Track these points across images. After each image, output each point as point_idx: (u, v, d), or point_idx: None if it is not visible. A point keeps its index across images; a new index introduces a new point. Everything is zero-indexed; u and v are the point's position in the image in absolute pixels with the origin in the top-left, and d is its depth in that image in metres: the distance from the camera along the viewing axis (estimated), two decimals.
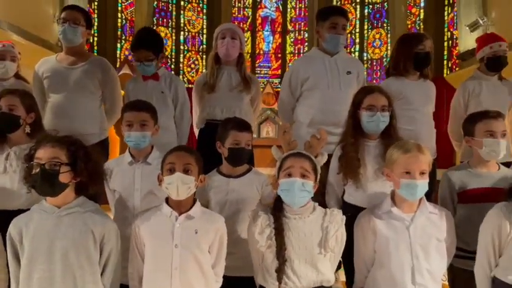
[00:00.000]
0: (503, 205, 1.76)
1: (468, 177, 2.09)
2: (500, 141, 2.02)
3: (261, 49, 11.35)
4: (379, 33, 10.91)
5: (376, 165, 2.11)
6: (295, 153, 1.80)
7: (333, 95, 2.68)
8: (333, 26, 2.71)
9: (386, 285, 1.81)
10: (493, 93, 2.83)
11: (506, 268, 1.75)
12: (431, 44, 2.67)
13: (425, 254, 1.79)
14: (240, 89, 2.82)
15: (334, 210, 1.82)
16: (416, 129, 2.53)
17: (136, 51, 2.74)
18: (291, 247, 1.72)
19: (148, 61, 2.71)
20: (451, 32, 9.34)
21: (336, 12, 2.77)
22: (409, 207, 1.85)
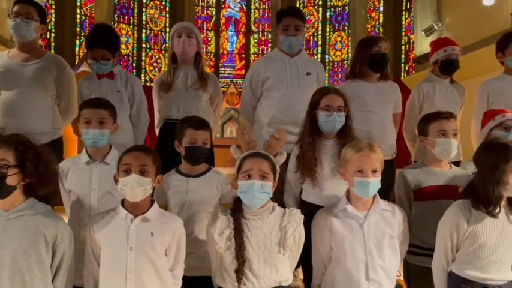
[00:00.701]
0: (461, 203, 1.83)
1: (423, 176, 2.16)
2: (452, 141, 2.11)
3: (224, 49, 11.32)
4: (340, 36, 11.14)
5: (332, 164, 2.15)
6: (254, 154, 1.80)
7: (292, 95, 2.72)
8: (285, 28, 2.75)
9: (342, 281, 1.85)
10: (445, 95, 2.94)
11: (462, 263, 1.82)
12: (388, 46, 2.74)
13: (379, 251, 1.84)
14: (196, 87, 2.80)
15: (293, 209, 1.84)
16: (371, 129, 2.60)
17: (92, 49, 2.66)
18: (250, 248, 1.72)
19: (104, 60, 2.65)
20: (408, 37, 9.67)
21: (287, 14, 2.80)
22: (364, 205, 1.89)
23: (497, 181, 1.72)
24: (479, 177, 1.81)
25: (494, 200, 1.75)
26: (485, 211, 1.76)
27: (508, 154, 1.74)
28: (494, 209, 1.75)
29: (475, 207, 1.77)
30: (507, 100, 2.76)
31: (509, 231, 1.78)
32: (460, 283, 1.80)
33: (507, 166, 1.72)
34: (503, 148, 1.77)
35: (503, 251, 1.78)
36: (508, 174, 1.72)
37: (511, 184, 1.72)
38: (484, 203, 1.76)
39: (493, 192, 1.73)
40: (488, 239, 1.77)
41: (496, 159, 1.74)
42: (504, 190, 1.74)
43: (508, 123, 2.26)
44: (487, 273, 1.77)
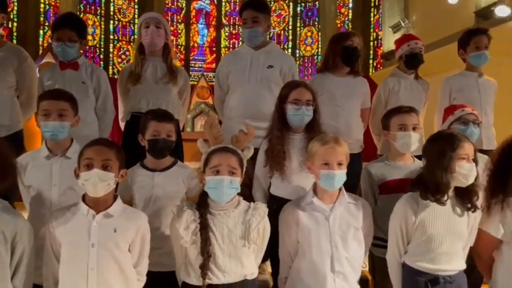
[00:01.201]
0: (408, 195, 1.89)
1: (387, 170, 2.21)
2: (412, 134, 2.16)
3: (195, 42, 11.21)
4: (310, 31, 11.23)
5: (300, 157, 2.17)
6: (222, 149, 1.79)
7: (252, 89, 2.72)
8: (244, 22, 2.76)
9: (308, 273, 1.87)
10: (410, 90, 3.02)
11: (413, 255, 1.88)
12: (360, 42, 2.79)
13: (344, 243, 1.88)
14: (165, 81, 2.75)
15: (258, 203, 1.85)
16: (337, 124, 2.63)
17: (59, 30, 2.58)
18: (215, 242, 1.72)
19: (71, 42, 2.57)
20: (377, 33, 9.86)
21: (245, 7, 2.80)
22: (330, 198, 1.92)
23: (445, 168, 1.79)
24: (427, 167, 1.87)
25: (442, 187, 1.81)
26: (434, 199, 1.82)
27: (455, 143, 1.81)
28: (442, 196, 1.82)
29: (424, 197, 1.83)
30: (468, 95, 2.88)
31: (456, 222, 1.85)
32: (414, 275, 1.85)
33: (454, 154, 1.79)
34: (450, 137, 1.85)
35: (452, 242, 1.85)
36: (455, 161, 1.79)
37: (457, 172, 1.79)
38: (432, 191, 1.82)
39: (441, 179, 1.80)
40: (436, 231, 1.83)
41: (444, 147, 1.81)
42: (451, 178, 1.80)
43: (466, 117, 2.34)
44: (438, 265, 1.84)
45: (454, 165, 1.79)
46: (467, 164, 1.80)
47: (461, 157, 1.80)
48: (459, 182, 1.82)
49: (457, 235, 1.86)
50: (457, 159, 1.79)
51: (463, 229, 1.88)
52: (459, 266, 1.89)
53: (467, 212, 1.87)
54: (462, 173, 1.80)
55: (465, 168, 1.79)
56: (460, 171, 1.79)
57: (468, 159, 1.81)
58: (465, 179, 1.80)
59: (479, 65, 2.98)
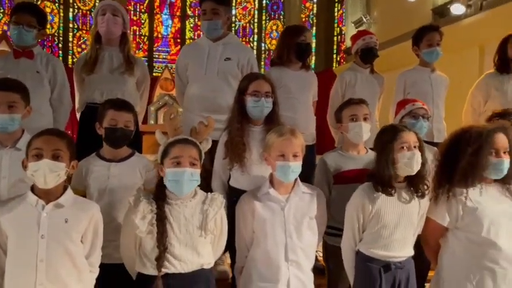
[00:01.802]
0: (365, 185, 1.96)
1: (341, 160, 2.27)
2: (362, 124, 2.23)
3: (159, 33, 11.02)
4: (276, 25, 11.28)
5: (260, 149, 2.18)
6: (182, 140, 1.78)
7: (209, 81, 2.71)
8: (203, 13, 2.74)
9: (263, 262, 1.91)
10: (366, 84, 3.10)
11: (367, 242, 1.95)
12: (311, 36, 2.86)
13: (298, 233, 1.92)
14: (121, 71, 2.70)
15: (215, 194, 1.85)
16: (295, 116, 2.69)
17: (19, 13, 2.51)
18: (172, 233, 1.71)
19: (29, 27, 2.49)
20: (340, 28, 10.03)
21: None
22: (285, 188, 1.95)
23: (388, 160, 1.87)
24: (376, 160, 1.95)
25: (388, 178, 1.89)
26: (382, 190, 1.89)
27: (396, 134, 1.89)
28: (389, 187, 1.89)
29: (376, 188, 1.91)
30: (421, 90, 3.00)
31: (409, 211, 1.93)
32: (367, 262, 1.92)
33: (394, 145, 1.87)
34: (391, 130, 1.93)
35: (404, 230, 1.93)
36: (396, 152, 1.86)
37: (400, 161, 1.86)
38: (381, 183, 1.90)
39: (386, 171, 1.87)
40: (390, 219, 1.90)
41: (385, 140, 1.90)
42: (396, 169, 1.88)
43: (417, 111, 2.43)
44: (390, 251, 1.91)
45: (396, 156, 1.87)
46: (408, 152, 1.87)
47: (401, 147, 1.87)
48: (404, 171, 1.89)
49: (409, 223, 1.94)
50: (397, 150, 1.87)
51: (414, 217, 1.96)
52: (409, 252, 1.98)
53: (419, 199, 1.95)
54: (403, 161, 1.87)
55: (406, 157, 1.86)
56: (402, 160, 1.86)
57: (409, 148, 1.88)
58: (408, 167, 1.87)
59: (432, 60, 3.10)
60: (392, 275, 1.91)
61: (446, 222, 1.93)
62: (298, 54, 2.81)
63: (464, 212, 1.89)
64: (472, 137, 1.90)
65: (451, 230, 1.95)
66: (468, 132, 1.94)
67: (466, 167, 1.89)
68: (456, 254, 1.93)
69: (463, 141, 1.93)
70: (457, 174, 1.90)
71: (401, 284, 1.92)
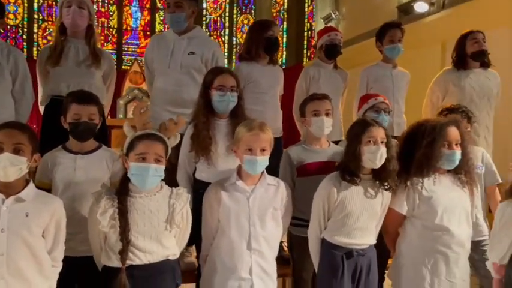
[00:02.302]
0: (332, 175, 2.04)
1: (304, 154, 2.34)
2: (324, 118, 2.31)
3: (128, 25, 10.82)
4: (247, 19, 11.26)
5: (226, 142, 2.23)
6: (149, 135, 1.78)
7: (173, 75, 2.73)
8: (168, 6, 2.75)
9: (226, 250, 1.96)
10: (329, 79, 3.17)
11: (332, 230, 2.03)
12: (279, 31, 2.90)
13: (262, 223, 1.97)
14: (88, 64, 2.67)
15: (180, 189, 1.88)
16: (264, 110, 2.74)
17: None
18: (135, 225, 1.73)
19: None
20: (310, 23, 10.12)
21: None
22: (252, 180, 2.01)
23: (354, 152, 1.96)
24: (345, 151, 2.04)
25: (354, 169, 1.98)
26: (349, 179, 1.97)
27: (365, 128, 1.97)
28: (355, 177, 1.98)
29: (342, 178, 1.99)
30: (382, 85, 3.10)
31: (372, 201, 2.02)
32: (330, 249, 2.01)
33: (362, 138, 1.95)
34: (362, 123, 2.03)
35: (366, 219, 2.02)
36: (363, 145, 1.95)
37: (366, 155, 1.95)
38: (347, 173, 1.98)
39: (353, 161, 1.97)
40: (354, 208, 1.99)
41: (356, 132, 1.99)
42: (361, 160, 1.96)
43: (379, 106, 2.52)
44: (352, 239, 2.00)
45: (362, 149, 1.95)
46: (373, 147, 1.95)
47: (368, 140, 1.96)
48: (368, 163, 1.98)
49: (372, 213, 2.03)
50: (364, 143, 1.95)
51: (377, 207, 2.05)
52: (370, 240, 2.07)
53: (382, 191, 2.03)
54: (368, 155, 1.95)
55: (371, 151, 1.95)
56: (367, 153, 1.95)
57: (375, 143, 1.96)
58: (372, 160, 1.96)
59: (394, 56, 3.20)
60: (354, 262, 2.00)
61: (404, 211, 2.04)
62: (266, 48, 2.85)
63: (420, 201, 2.01)
64: (426, 130, 2.01)
65: (408, 218, 2.07)
66: (423, 126, 2.05)
67: (421, 158, 2.00)
68: (413, 240, 2.04)
69: (419, 134, 2.04)
70: (414, 165, 2.02)
71: (362, 270, 2.01)
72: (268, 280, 1.99)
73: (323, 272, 2.04)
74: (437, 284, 1.98)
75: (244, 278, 1.93)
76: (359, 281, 2.01)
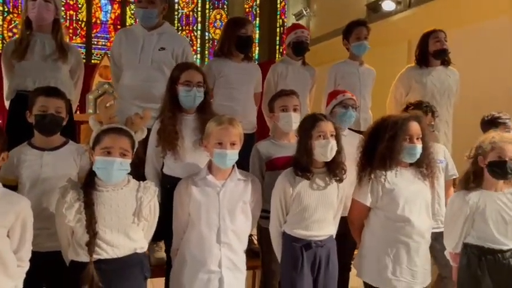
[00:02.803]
0: (288, 171, 2.10)
1: (273, 148, 2.39)
2: (292, 114, 2.36)
3: (97, 18, 10.61)
4: (219, 14, 11.24)
5: (193, 137, 2.25)
6: (115, 130, 1.79)
7: (143, 71, 2.73)
8: (139, 1, 2.74)
9: (196, 244, 1.99)
10: (297, 75, 3.23)
11: (291, 223, 2.10)
12: (254, 29, 2.93)
13: (231, 217, 2.01)
14: (54, 58, 2.63)
15: (148, 182, 1.90)
16: (234, 105, 2.77)
17: None
18: (102, 219, 1.74)
19: None
20: (283, 20, 10.19)
21: None
22: (222, 174, 2.04)
23: (306, 147, 2.02)
24: (297, 148, 2.09)
25: (305, 164, 2.04)
26: (302, 175, 2.03)
27: (314, 123, 2.04)
28: (309, 172, 2.04)
29: (296, 173, 2.05)
30: (349, 82, 3.19)
31: (328, 193, 2.09)
32: (291, 241, 2.07)
33: (311, 133, 2.02)
34: (311, 119, 2.08)
35: (323, 211, 2.09)
36: (313, 140, 2.02)
37: (317, 149, 2.02)
38: (301, 169, 2.04)
39: (304, 157, 2.03)
40: (309, 201, 2.05)
41: (306, 128, 2.05)
42: (313, 155, 2.03)
43: (346, 102, 2.60)
44: (310, 231, 2.07)
45: (313, 143, 2.02)
46: (323, 141, 2.02)
47: (318, 135, 2.02)
48: (320, 157, 2.05)
49: (328, 205, 2.10)
50: (315, 138, 2.02)
51: (333, 199, 2.12)
52: (329, 231, 2.14)
53: (337, 183, 2.11)
54: (319, 149, 2.02)
55: (321, 145, 2.02)
56: (318, 147, 2.02)
57: (325, 137, 2.03)
58: (323, 154, 2.03)
59: (360, 53, 3.29)
60: (313, 253, 2.07)
61: (368, 202, 2.12)
62: (239, 46, 2.88)
63: (384, 193, 2.08)
64: (389, 125, 2.09)
65: (372, 209, 2.15)
66: (386, 121, 2.13)
67: (384, 151, 2.08)
68: (376, 231, 2.13)
69: (382, 128, 2.12)
70: (377, 158, 2.09)
71: (321, 260, 2.08)
72: (237, 272, 2.03)
73: (284, 265, 2.10)
74: (399, 272, 2.06)
75: (213, 271, 1.97)
76: (319, 271, 2.08)
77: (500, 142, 2.08)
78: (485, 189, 2.12)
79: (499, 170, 2.06)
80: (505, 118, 2.80)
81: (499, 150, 2.06)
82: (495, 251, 2.09)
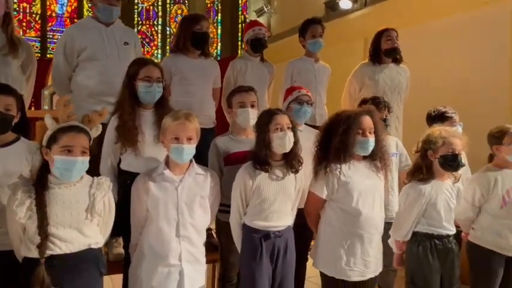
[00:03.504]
0: (247, 165, 2.15)
1: (231, 143, 2.44)
2: (249, 110, 2.41)
3: (53, 11, 10.25)
4: (181, 9, 11.13)
5: (153, 132, 2.25)
6: (73, 128, 1.77)
7: (112, 66, 2.70)
8: None
9: (155, 238, 2.00)
10: (256, 71, 3.29)
11: (251, 215, 2.15)
12: (209, 25, 2.95)
13: (190, 211, 2.03)
14: (4, 53, 2.55)
15: (102, 178, 1.89)
16: (190, 101, 2.78)
17: None
18: (55, 216, 1.72)
19: None
20: (244, 16, 10.22)
21: None
22: (180, 169, 2.06)
23: (264, 140, 2.08)
24: (255, 142, 2.15)
25: (265, 157, 2.10)
26: (261, 168, 2.10)
27: (271, 117, 2.10)
28: (268, 165, 2.11)
29: (255, 167, 2.11)
30: (305, 78, 3.28)
31: (285, 185, 2.16)
32: (251, 232, 2.13)
33: (269, 126, 2.08)
34: (267, 113, 2.15)
35: (281, 203, 2.16)
36: (271, 133, 2.08)
37: (275, 142, 2.08)
38: (260, 162, 2.10)
39: (263, 150, 2.09)
40: (268, 193, 2.12)
41: (263, 122, 2.11)
42: (271, 147, 2.09)
43: (302, 98, 2.67)
44: (269, 222, 2.13)
45: (271, 136, 2.08)
46: (281, 133, 2.09)
47: (275, 128, 2.09)
48: (278, 149, 2.11)
49: (286, 196, 2.17)
50: (272, 131, 2.08)
51: (291, 190, 2.19)
52: (287, 222, 2.21)
53: (294, 175, 2.18)
54: (277, 141, 2.08)
55: (279, 137, 2.08)
56: (276, 140, 2.08)
57: (282, 129, 2.09)
58: (281, 146, 2.09)
59: (315, 50, 3.39)
60: (271, 243, 2.13)
61: (324, 195, 2.18)
62: (193, 42, 2.90)
63: (339, 185, 2.15)
64: (342, 120, 2.17)
65: (328, 202, 2.22)
66: (340, 116, 2.21)
67: (338, 145, 2.15)
68: (331, 223, 2.20)
69: (336, 123, 2.19)
70: (332, 152, 2.16)
71: (280, 250, 2.15)
72: (197, 265, 2.06)
73: (244, 255, 2.16)
74: (352, 263, 2.14)
75: (173, 265, 1.99)
76: (277, 260, 2.15)
77: (450, 137, 2.23)
78: (435, 180, 2.26)
79: (451, 163, 2.22)
80: (451, 113, 2.96)
81: (450, 145, 2.21)
82: (442, 237, 2.25)
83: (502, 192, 2.42)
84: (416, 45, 3.81)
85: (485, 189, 2.45)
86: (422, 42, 4.39)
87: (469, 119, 3.11)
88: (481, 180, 2.48)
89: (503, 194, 2.42)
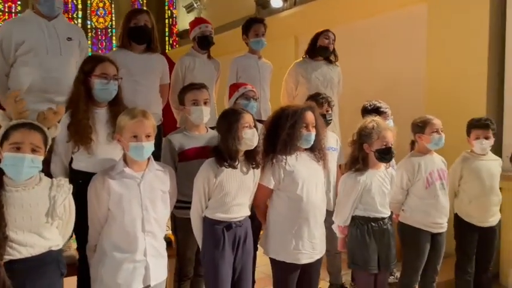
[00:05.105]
0: (210, 160, 2.22)
1: (185, 140, 2.48)
2: (203, 108, 2.47)
3: None
4: (102, 2, 10.69)
5: (107, 130, 2.23)
6: (26, 125, 1.71)
7: (53, 61, 2.61)
8: None
9: (119, 235, 2.00)
10: (204, 68, 3.35)
11: (213, 208, 2.22)
12: (149, 19, 2.90)
13: (153, 206, 2.06)
14: None
15: (61, 180, 1.85)
16: (136, 98, 2.74)
17: None
18: (13, 220, 1.67)
19: None
20: (171, 11, 10.08)
21: None
22: (139, 166, 2.06)
23: (234, 137, 2.16)
24: (221, 139, 2.22)
25: (234, 153, 2.19)
26: (227, 164, 2.18)
27: (239, 116, 2.19)
28: (234, 161, 2.20)
29: (219, 163, 2.18)
30: (250, 75, 3.42)
31: (246, 179, 2.26)
32: (213, 224, 2.21)
33: (238, 124, 2.17)
34: (235, 112, 2.24)
35: (242, 195, 2.26)
36: (241, 130, 2.17)
37: (244, 138, 2.17)
38: (225, 158, 2.18)
39: (232, 147, 2.16)
40: (231, 188, 2.21)
41: (231, 121, 2.18)
42: (240, 144, 2.18)
43: (248, 94, 2.78)
44: (231, 214, 2.23)
45: (240, 134, 2.16)
46: (250, 130, 2.19)
47: (244, 126, 2.18)
48: (246, 146, 2.20)
49: (247, 189, 2.28)
50: (241, 128, 2.17)
51: (250, 184, 2.30)
52: (246, 212, 2.31)
53: (253, 169, 2.28)
54: (247, 138, 2.17)
55: (248, 134, 2.18)
56: (245, 137, 2.17)
57: (250, 127, 2.20)
58: (250, 142, 2.19)
59: (258, 48, 3.54)
60: (233, 233, 2.23)
61: (272, 185, 2.33)
62: (131, 37, 2.87)
63: (285, 175, 2.31)
64: (289, 115, 2.32)
65: (275, 191, 2.36)
66: (286, 111, 2.36)
67: (286, 138, 2.30)
68: (279, 210, 2.35)
69: (283, 118, 2.34)
70: (279, 144, 2.31)
71: (240, 239, 2.26)
72: (160, 258, 2.10)
73: (207, 246, 2.22)
74: (301, 246, 2.30)
75: (139, 260, 2.00)
76: (237, 249, 2.25)
77: (383, 131, 2.46)
78: (370, 169, 2.49)
79: (386, 156, 2.46)
80: (385, 108, 3.22)
81: (384, 139, 2.45)
82: (378, 219, 2.49)
83: (426, 175, 2.74)
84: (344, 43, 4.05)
85: (411, 174, 2.77)
86: (349, 41, 4.66)
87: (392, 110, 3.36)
88: (407, 166, 2.79)
89: (427, 176, 2.74)
